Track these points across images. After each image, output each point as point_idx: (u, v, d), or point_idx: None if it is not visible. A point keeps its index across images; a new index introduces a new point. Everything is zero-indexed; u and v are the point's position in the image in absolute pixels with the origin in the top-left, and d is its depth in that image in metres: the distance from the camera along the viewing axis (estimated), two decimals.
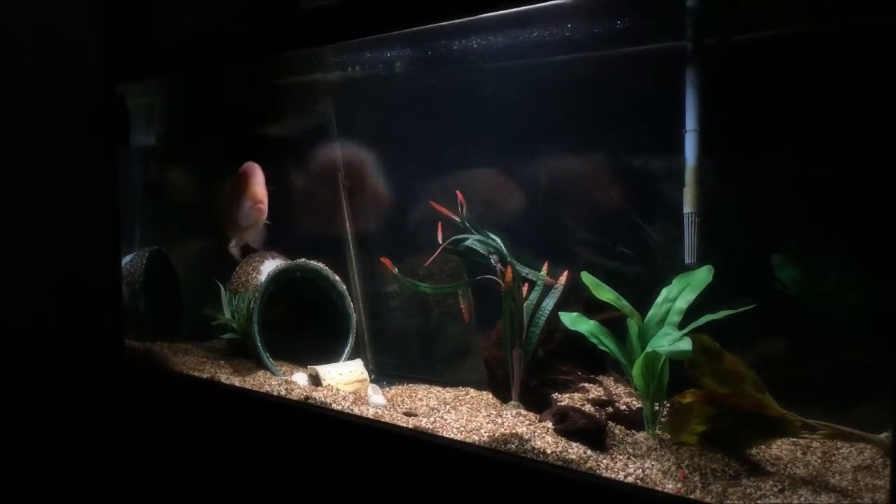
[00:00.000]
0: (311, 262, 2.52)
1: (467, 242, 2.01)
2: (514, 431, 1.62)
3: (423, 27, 1.83)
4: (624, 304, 1.69)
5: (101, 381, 2.44)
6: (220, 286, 2.62)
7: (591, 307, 1.84)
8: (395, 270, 2.06)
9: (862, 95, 1.59)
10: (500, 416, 1.75)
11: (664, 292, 1.70)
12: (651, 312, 1.70)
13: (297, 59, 2.49)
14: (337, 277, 2.54)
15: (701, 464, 1.45)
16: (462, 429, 1.69)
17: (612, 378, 1.91)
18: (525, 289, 1.96)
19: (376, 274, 2.62)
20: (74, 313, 2.37)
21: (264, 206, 2.42)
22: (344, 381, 2.25)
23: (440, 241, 2.00)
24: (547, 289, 1.94)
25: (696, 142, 1.80)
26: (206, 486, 2.26)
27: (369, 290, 2.63)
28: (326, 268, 2.53)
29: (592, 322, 1.77)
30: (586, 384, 1.88)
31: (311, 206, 2.73)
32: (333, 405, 1.94)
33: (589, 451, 1.52)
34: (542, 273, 1.94)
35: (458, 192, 2.02)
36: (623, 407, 1.76)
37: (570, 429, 1.60)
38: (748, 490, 1.32)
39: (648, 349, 1.57)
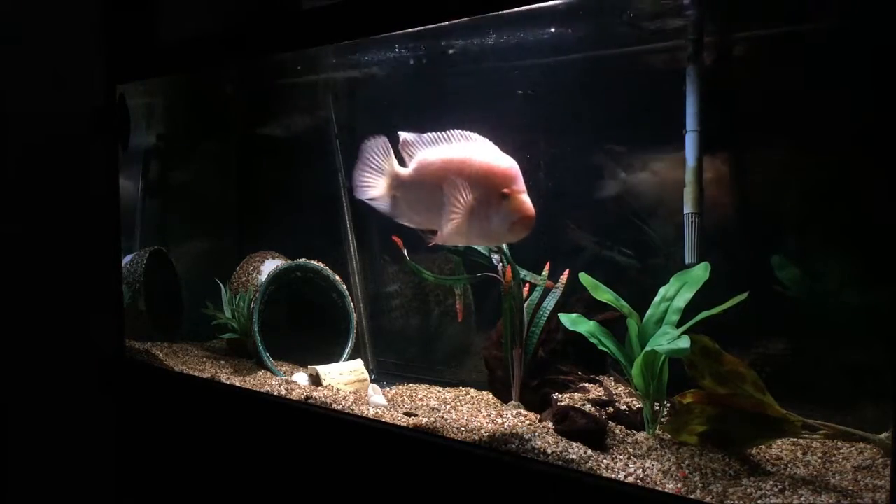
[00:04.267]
0: (311, 262, 2.52)
1: None
2: (514, 431, 1.62)
3: (425, 27, 1.83)
4: (622, 304, 1.70)
5: (101, 381, 2.44)
6: (221, 286, 2.62)
7: (592, 307, 1.84)
8: (405, 252, 2.01)
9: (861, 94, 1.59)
10: (501, 416, 1.76)
11: (662, 291, 1.70)
12: (649, 312, 1.70)
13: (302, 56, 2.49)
14: (337, 277, 2.54)
15: (701, 464, 1.45)
16: (462, 429, 1.69)
17: (612, 378, 1.91)
18: (526, 289, 1.96)
19: (376, 274, 2.62)
20: (74, 313, 2.37)
21: (534, 221, 1.58)
22: (344, 381, 2.25)
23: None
24: (547, 289, 1.95)
25: (696, 142, 1.80)
26: (207, 486, 2.26)
27: (369, 290, 2.63)
28: (326, 268, 2.53)
29: (592, 323, 1.77)
30: (586, 384, 1.88)
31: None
32: (334, 405, 1.94)
33: (589, 451, 1.52)
34: (542, 275, 1.94)
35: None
36: (623, 407, 1.76)
37: (570, 429, 1.60)
38: (748, 490, 1.32)
39: (647, 348, 1.57)
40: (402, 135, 1.71)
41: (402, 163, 1.73)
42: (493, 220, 1.58)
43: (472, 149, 1.63)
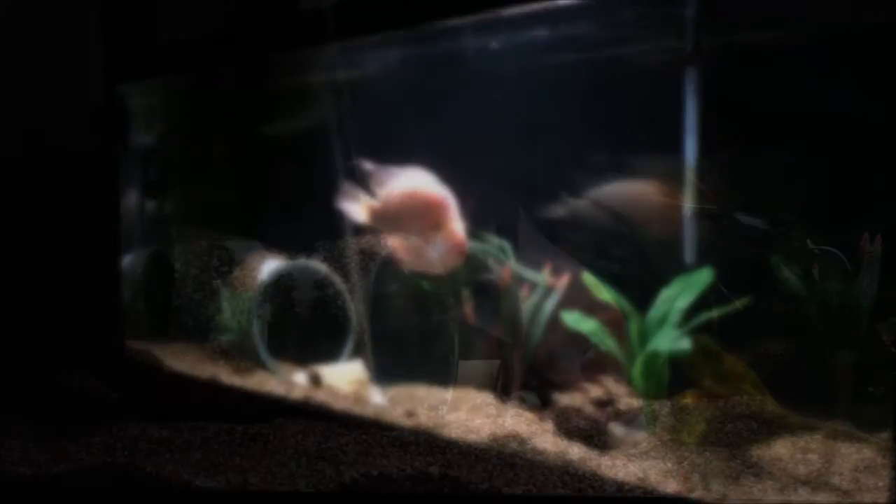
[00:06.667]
0: (311, 262, 2.52)
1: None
2: (514, 431, 1.62)
3: (425, 27, 1.83)
4: (624, 305, 1.70)
5: (101, 381, 2.44)
6: (221, 286, 2.61)
7: (592, 307, 1.84)
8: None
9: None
10: (501, 416, 1.75)
11: (664, 292, 1.70)
12: (651, 313, 1.70)
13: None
14: (337, 277, 2.53)
15: (701, 464, 1.45)
16: (462, 429, 1.69)
17: (612, 378, 1.91)
18: (526, 289, 1.96)
19: (376, 274, 2.62)
20: (74, 313, 2.37)
21: (465, 249, 1.73)
22: (344, 381, 2.25)
23: None
24: (548, 289, 1.94)
25: (696, 142, 1.80)
26: (206, 486, 2.26)
27: (369, 290, 2.63)
28: (327, 268, 2.53)
29: (594, 322, 1.76)
30: (586, 384, 1.88)
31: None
32: (334, 405, 1.94)
33: (589, 451, 1.52)
34: (543, 274, 1.94)
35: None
36: (623, 407, 1.76)
37: (570, 429, 1.60)
38: (748, 490, 1.32)
39: (648, 349, 1.57)
40: (363, 163, 1.81)
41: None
42: (431, 251, 1.73)
43: (410, 183, 1.73)
